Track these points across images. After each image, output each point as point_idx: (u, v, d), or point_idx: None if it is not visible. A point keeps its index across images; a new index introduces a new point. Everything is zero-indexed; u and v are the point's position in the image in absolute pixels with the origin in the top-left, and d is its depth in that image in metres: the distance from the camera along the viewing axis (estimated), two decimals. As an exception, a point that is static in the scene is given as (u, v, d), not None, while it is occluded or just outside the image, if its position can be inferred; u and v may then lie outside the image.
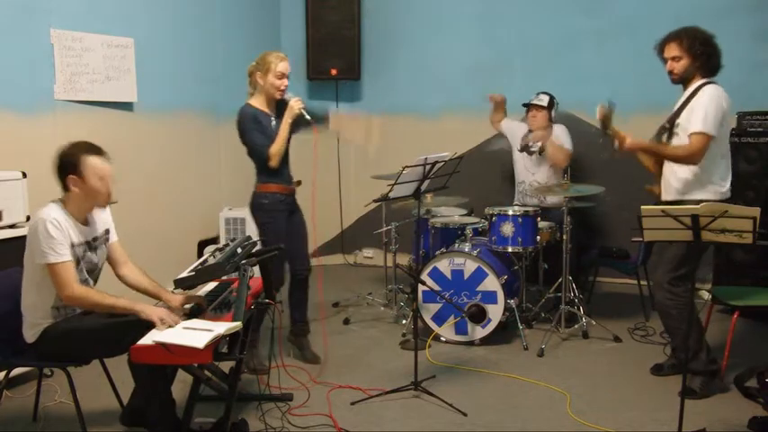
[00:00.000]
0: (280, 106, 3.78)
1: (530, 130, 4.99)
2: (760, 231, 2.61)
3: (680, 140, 3.38)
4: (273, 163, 3.67)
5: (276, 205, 3.76)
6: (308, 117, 3.66)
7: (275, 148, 3.65)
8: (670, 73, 3.45)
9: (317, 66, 6.01)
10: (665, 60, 3.47)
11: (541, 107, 4.88)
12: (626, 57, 5.38)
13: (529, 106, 4.95)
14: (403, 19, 6.06)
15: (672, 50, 3.41)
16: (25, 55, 3.84)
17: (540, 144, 4.86)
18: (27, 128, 3.87)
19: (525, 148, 4.99)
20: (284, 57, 3.72)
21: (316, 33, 5.96)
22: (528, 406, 3.36)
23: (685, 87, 3.45)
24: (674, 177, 3.44)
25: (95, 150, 2.82)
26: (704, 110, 3.27)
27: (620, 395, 3.47)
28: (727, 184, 3.40)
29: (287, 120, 3.67)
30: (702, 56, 3.35)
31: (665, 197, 3.50)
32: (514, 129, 5.15)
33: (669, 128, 3.45)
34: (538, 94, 4.96)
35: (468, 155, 5.60)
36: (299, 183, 4.00)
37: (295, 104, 3.65)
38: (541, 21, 5.63)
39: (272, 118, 3.75)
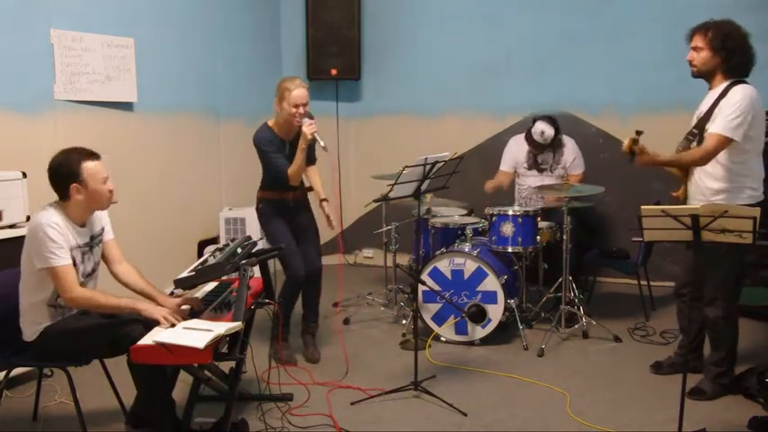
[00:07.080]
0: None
1: (531, 152, 4.93)
2: (760, 231, 2.60)
3: None
4: (293, 182, 3.77)
5: (268, 208, 3.85)
6: (321, 143, 3.67)
7: (293, 170, 3.72)
8: (690, 63, 3.31)
9: (317, 66, 6.01)
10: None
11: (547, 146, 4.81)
12: (626, 57, 5.37)
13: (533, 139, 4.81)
14: (403, 19, 6.06)
15: (696, 40, 3.27)
16: (25, 55, 3.84)
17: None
18: (27, 128, 3.87)
19: (535, 166, 4.95)
20: (300, 84, 3.69)
21: (316, 33, 5.96)
22: (528, 406, 3.36)
23: (710, 87, 3.31)
24: (706, 183, 3.26)
25: (92, 155, 2.82)
26: (729, 111, 3.10)
27: (620, 395, 3.47)
28: (761, 188, 3.25)
29: (301, 146, 3.68)
30: (722, 51, 3.18)
31: (694, 203, 3.30)
32: (515, 151, 5.05)
33: (699, 133, 3.27)
34: (537, 120, 4.79)
35: (468, 155, 5.63)
36: (309, 189, 4.02)
37: (307, 130, 3.63)
38: (541, 21, 5.62)
39: (287, 144, 3.80)
